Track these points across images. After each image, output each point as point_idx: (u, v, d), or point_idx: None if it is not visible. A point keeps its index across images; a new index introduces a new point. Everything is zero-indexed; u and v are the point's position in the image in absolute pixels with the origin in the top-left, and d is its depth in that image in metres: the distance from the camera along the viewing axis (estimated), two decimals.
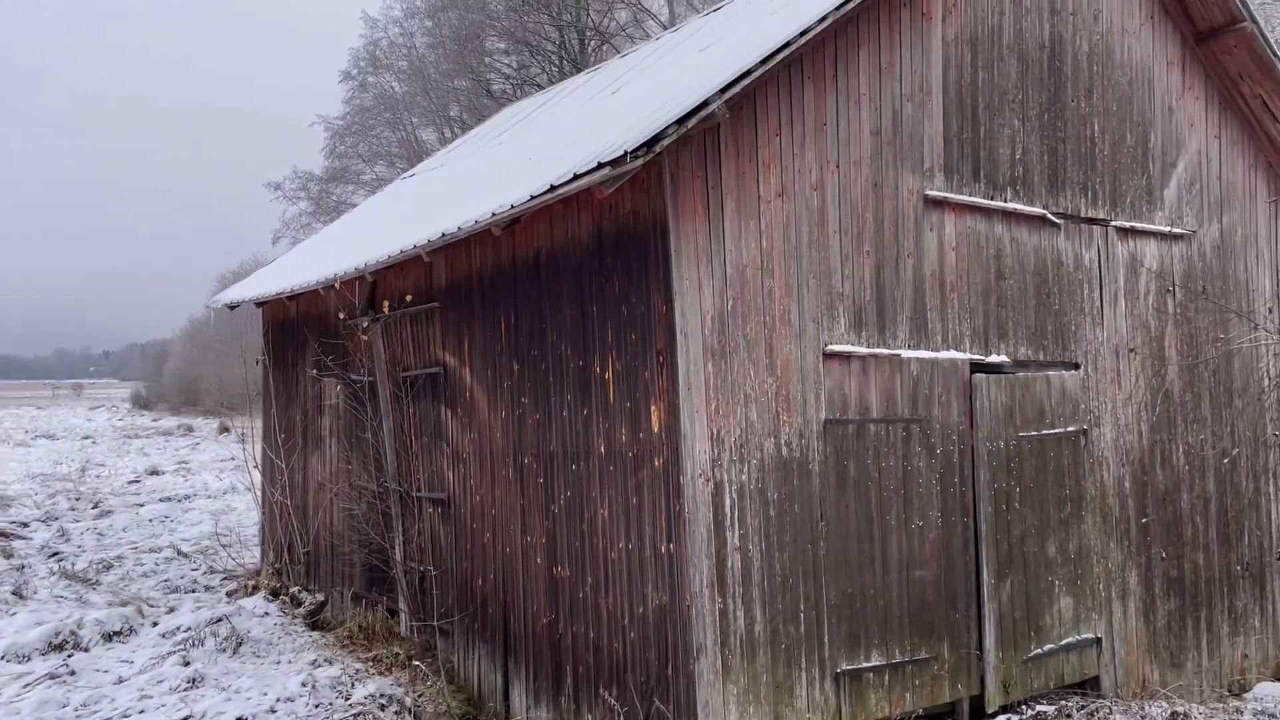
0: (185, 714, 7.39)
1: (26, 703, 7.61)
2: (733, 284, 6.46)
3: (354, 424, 10.96)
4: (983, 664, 7.44)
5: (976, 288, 7.66)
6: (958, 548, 7.38)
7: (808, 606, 6.66)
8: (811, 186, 6.83)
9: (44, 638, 9.24)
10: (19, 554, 14.77)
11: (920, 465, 7.23)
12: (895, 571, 7.07)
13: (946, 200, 7.46)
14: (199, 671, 8.32)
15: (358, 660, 9.10)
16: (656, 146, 5.73)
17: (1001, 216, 7.84)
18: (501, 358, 8.24)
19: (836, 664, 6.77)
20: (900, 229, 7.24)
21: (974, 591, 7.45)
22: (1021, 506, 7.77)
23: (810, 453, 6.73)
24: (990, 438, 7.59)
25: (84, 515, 18.47)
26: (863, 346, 7.00)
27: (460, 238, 7.72)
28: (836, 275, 6.92)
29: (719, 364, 6.38)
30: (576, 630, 7.34)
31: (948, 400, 7.40)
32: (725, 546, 6.35)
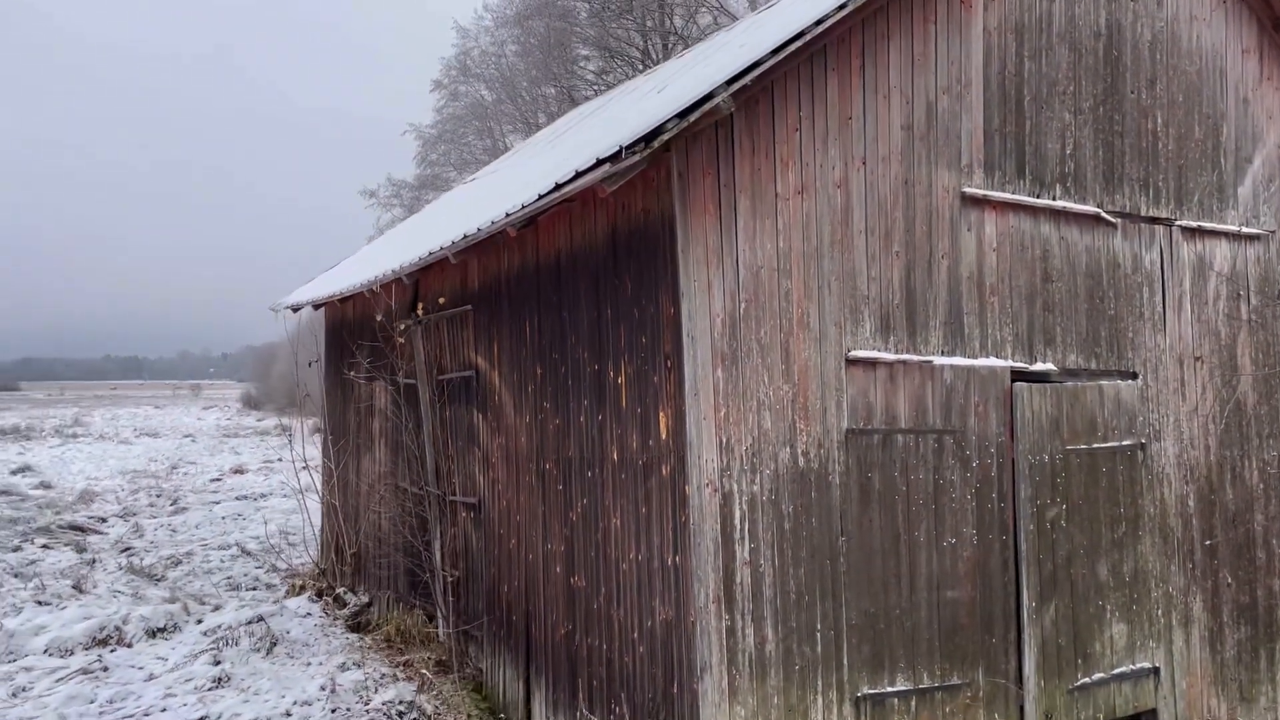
0: (203, 714, 7.42)
1: (55, 697, 7.74)
2: (746, 285, 6.17)
3: (398, 426, 10.97)
4: (1022, 693, 6.97)
5: (1020, 291, 7.20)
6: (995, 567, 6.94)
7: (825, 626, 6.32)
8: (835, 184, 6.49)
9: (88, 632, 9.44)
10: (92, 548, 15.25)
11: (954, 479, 6.82)
12: (924, 591, 6.67)
13: (986, 198, 7.03)
14: (227, 671, 8.37)
15: (389, 664, 9.04)
16: (655, 142, 5.49)
17: (1049, 215, 7.36)
18: (526, 361, 8.09)
19: (857, 688, 6.41)
20: (934, 228, 6.85)
21: (1013, 615, 6.99)
22: (1069, 525, 7.27)
23: (830, 464, 6.39)
24: (1033, 451, 7.12)
25: (160, 512, 19.02)
26: (890, 352, 6.63)
27: (480, 239, 7.61)
28: (862, 277, 6.56)
29: (729, 369, 6.10)
30: (591, 642, 7.13)
31: (985, 410, 6.96)
32: (734, 560, 6.06)
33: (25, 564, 13.46)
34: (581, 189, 6.08)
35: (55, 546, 15.04)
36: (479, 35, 48.89)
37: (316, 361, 13.05)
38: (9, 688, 7.98)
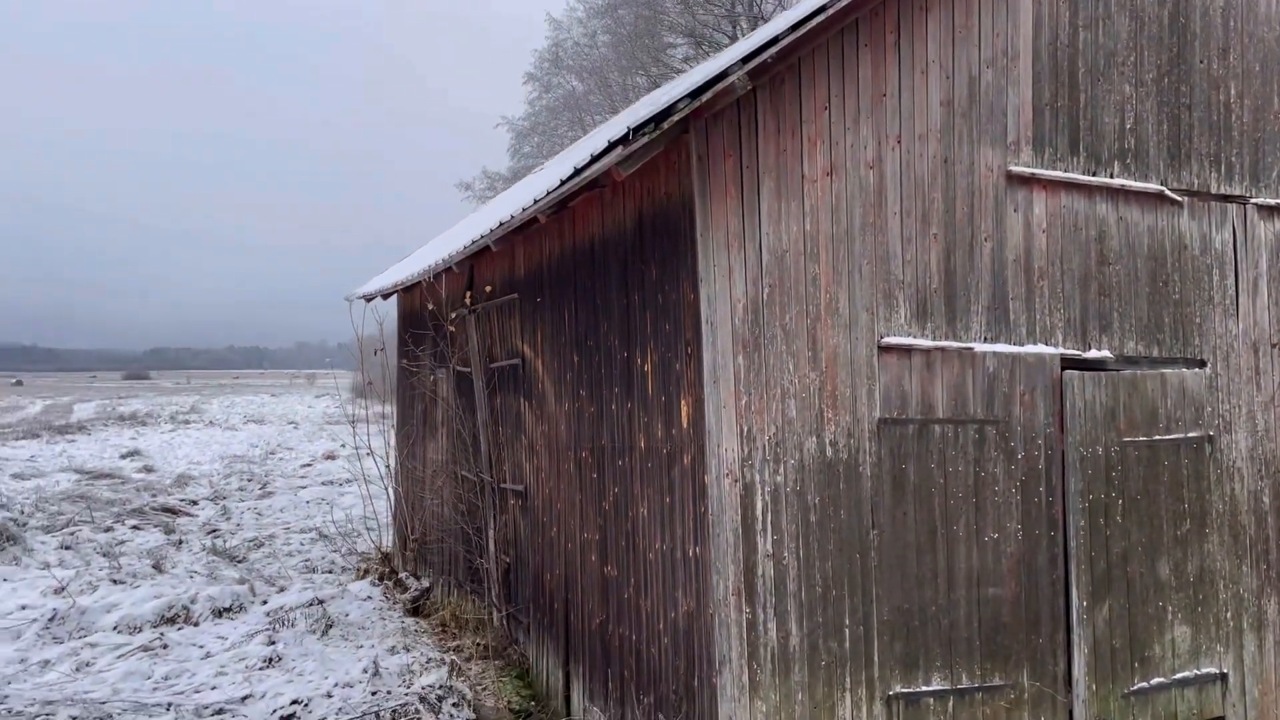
0: (247, 693, 7.61)
1: (114, 672, 8.05)
2: (770, 270, 5.99)
3: (457, 414, 11.07)
4: (1071, 696, 6.64)
5: (1072, 274, 6.83)
6: (1042, 564, 6.61)
7: (854, 621, 6.11)
8: (867, 164, 6.25)
9: (157, 611, 9.79)
10: (180, 530, 15.85)
11: (997, 472, 6.51)
12: (963, 588, 6.40)
13: (1035, 177, 6.69)
14: (279, 652, 8.57)
15: (438, 649, 9.14)
16: (665, 123, 5.35)
17: (1106, 194, 6.96)
18: (565, 349, 8.05)
19: (889, 686, 6.19)
20: (976, 209, 6.54)
21: (1062, 614, 6.66)
22: (1125, 521, 6.88)
23: (861, 454, 6.17)
24: (1085, 443, 6.75)
25: (249, 496, 19.68)
26: (927, 339, 6.36)
27: (515, 225, 7.58)
28: (896, 260, 6.31)
29: (751, 356, 5.93)
30: (622, 632, 7.06)
31: (1032, 400, 6.63)
32: (755, 553, 5.90)
33: (114, 544, 14.09)
34: (598, 173, 5.98)
35: (145, 528, 15.70)
36: (571, 26, 49.18)
37: (381, 350, 13.28)
38: (74, 663, 8.34)
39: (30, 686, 7.62)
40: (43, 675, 7.99)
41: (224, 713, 7.21)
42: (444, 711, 7.57)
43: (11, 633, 9.09)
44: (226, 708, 7.29)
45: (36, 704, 7.03)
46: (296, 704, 7.37)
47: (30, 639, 8.92)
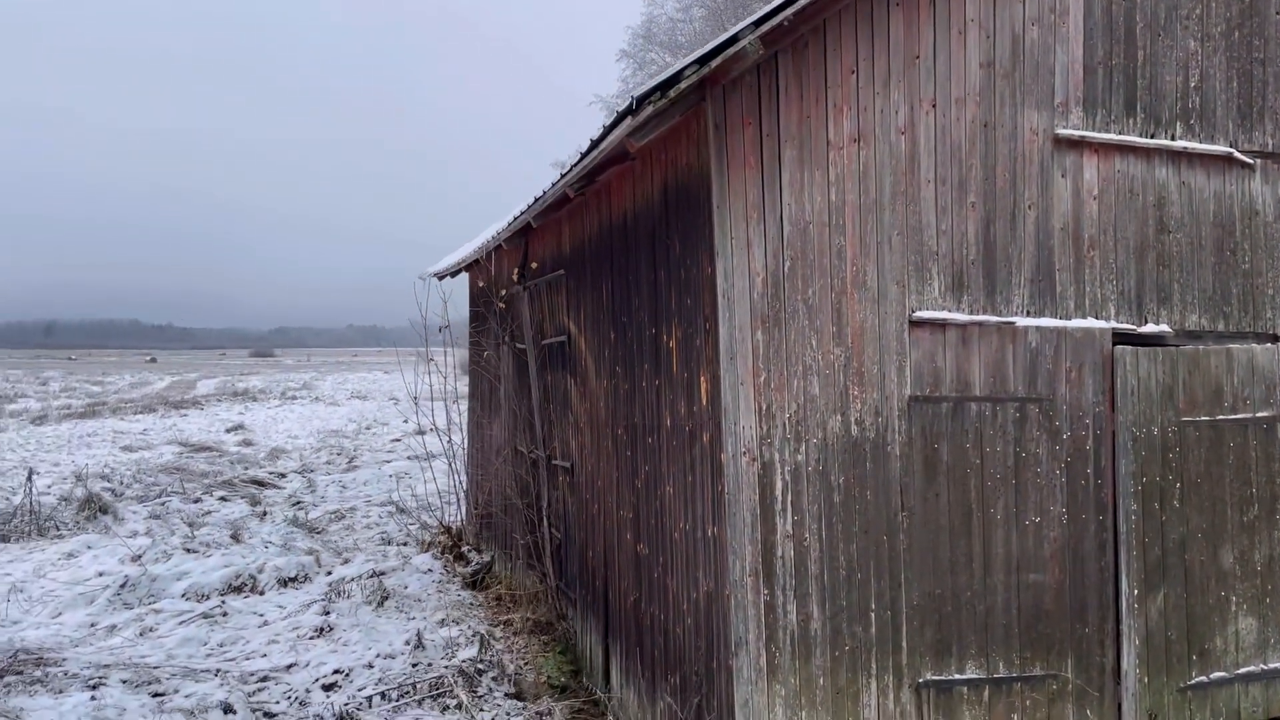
0: (292, 661, 7.80)
1: (172, 639, 8.35)
2: (791, 242, 5.79)
3: (515, 391, 11.13)
4: (1120, 689, 6.30)
5: (1127, 243, 6.43)
6: (1089, 550, 6.27)
7: (880, 606, 5.90)
8: (898, 130, 5.97)
9: (225, 580, 10.13)
10: (265, 501, 16.40)
11: (1039, 452, 6.19)
12: (1000, 574, 6.12)
13: (1085, 140, 6.30)
14: (331, 622, 8.77)
15: (488, 623, 9.23)
16: (671, 91, 5.19)
17: (1167, 157, 6.52)
18: (603, 325, 7.98)
19: (919, 673, 5.96)
20: (1019, 176, 6.20)
21: (1111, 603, 6.31)
22: (1183, 505, 6.47)
23: (889, 433, 5.93)
24: (1138, 422, 6.37)
25: (335, 469, 20.25)
26: (962, 313, 6.07)
27: (549, 201, 7.52)
28: (929, 231, 6.03)
29: (771, 331, 5.75)
30: (653, 612, 6.98)
31: (1080, 377, 6.27)
32: (774, 533, 5.74)
33: (201, 514, 14.66)
34: (613, 146, 5.86)
35: (232, 499, 16.29)
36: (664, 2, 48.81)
37: (446, 328, 13.43)
38: (138, 628, 8.69)
39: (93, 650, 7.97)
40: (107, 640, 8.35)
41: (269, 680, 7.41)
42: (483, 684, 7.63)
43: (86, 598, 9.54)
44: (271, 675, 7.50)
45: (93, 667, 7.35)
46: (338, 673, 7.53)
47: (102, 604, 9.35)
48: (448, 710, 6.91)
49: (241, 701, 6.84)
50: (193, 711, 6.63)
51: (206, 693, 6.95)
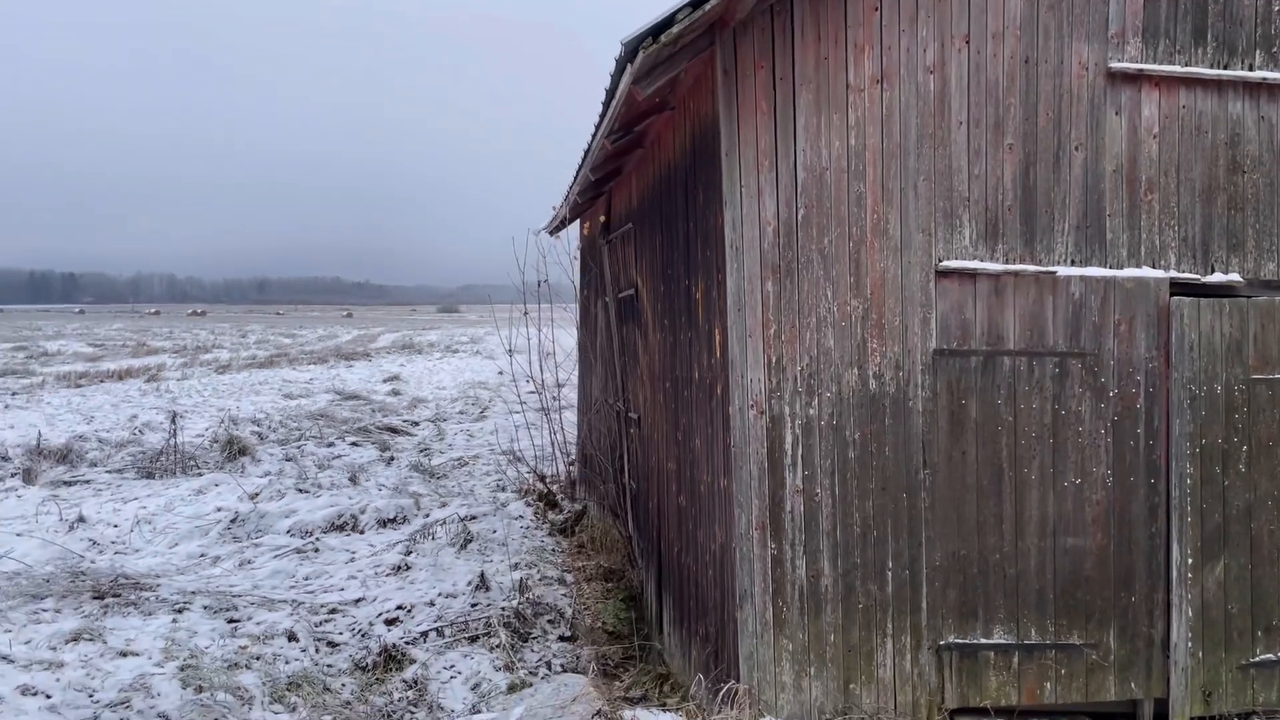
0: (361, 596, 8.26)
1: (263, 570, 8.97)
2: (806, 190, 5.62)
3: (605, 343, 11.28)
4: (1168, 662, 5.91)
5: (1192, 185, 5.91)
6: (1138, 515, 5.89)
7: (899, 565, 5.74)
8: (926, 69, 5.67)
9: (328, 519, 10.78)
10: (395, 448, 17.24)
11: (1081, 410, 5.83)
12: (1034, 536, 5.83)
13: (1144, 73, 5.81)
14: (410, 561, 9.21)
15: (562, 568, 9.48)
16: (662, 36, 5.08)
17: (1243, 90, 5.94)
18: (656, 278, 7.97)
19: (940, 635, 5.78)
20: (1064, 114, 5.78)
21: (1161, 571, 5.92)
22: (1250, 471, 5.97)
23: (911, 388, 5.71)
24: (1198, 380, 5.89)
25: (467, 418, 21.04)
26: (996, 262, 5.75)
27: (596, 155, 7.53)
28: (960, 176, 5.72)
29: (783, 282, 5.61)
30: (689, 562, 7.02)
31: (1130, 330, 5.85)
32: (783, 487, 5.65)
33: (331, 458, 15.57)
34: (625, 96, 5.81)
35: (363, 444, 17.21)
36: None
37: (545, 281, 13.67)
38: (238, 560, 9.39)
39: (191, 578, 8.68)
40: (208, 569, 9.06)
41: (337, 612, 7.88)
42: (538, 626, 7.87)
43: (201, 531, 10.36)
44: (340, 608, 7.97)
45: (183, 594, 8.01)
46: (400, 609, 7.93)
47: (213, 537, 10.13)
48: (494, 649, 7.17)
49: (305, 630, 7.32)
50: (260, 637, 7.16)
51: (276, 621, 7.48)
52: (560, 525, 11.37)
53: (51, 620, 7.33)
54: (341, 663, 6.89)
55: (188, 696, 5.91)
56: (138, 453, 14.91)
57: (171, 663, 6.40)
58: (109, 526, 10.59)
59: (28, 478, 13.23)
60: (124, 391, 27.18)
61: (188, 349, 48.95)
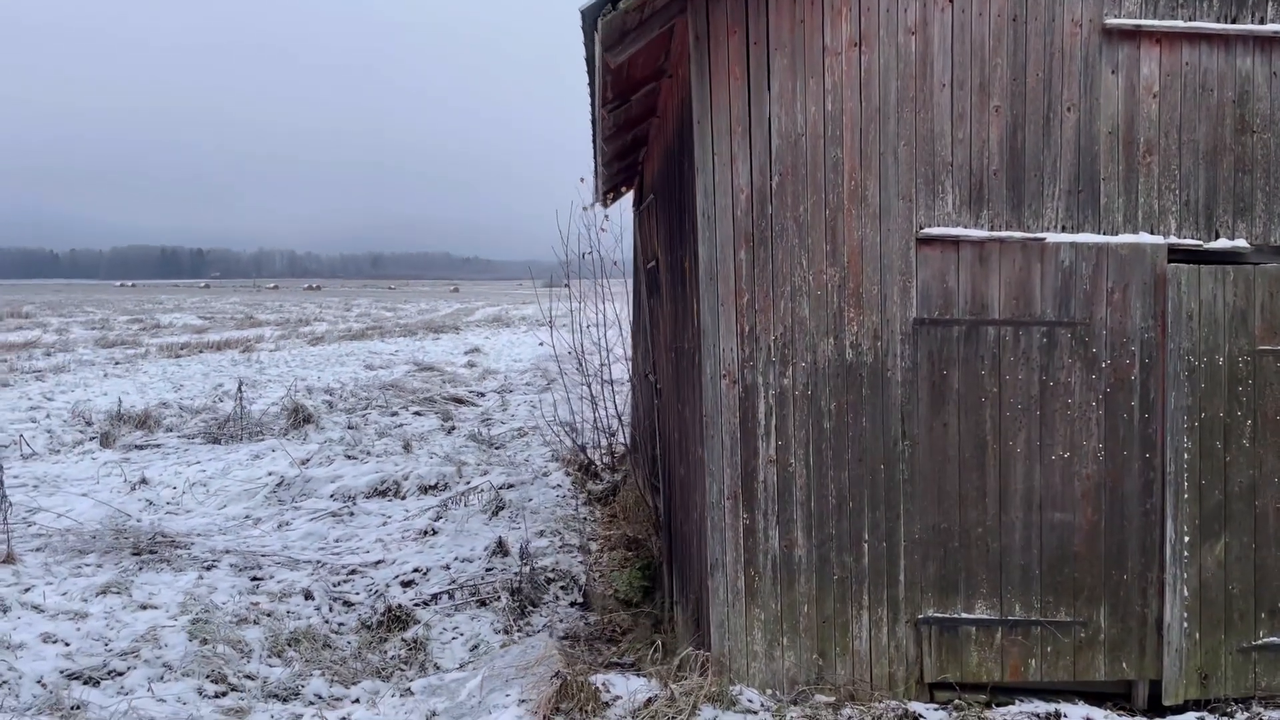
0: (380, 558, 8.52)
1: (296, 532, 9.33)
2: (781, 157, 5.54)
3: (640, 315, 11.33)
4: (1163, 643, 5.71)
5: (1195, 146, 5.64)
6: (1131, 490, 5.69)
7: (875, 537, 5.67)
8: (907, 30, 5.53)
9: (371, 484, 11.12)
10: (457, 418, 17.61)
11: (1071, 382, 5.65)
12: (1019, 510, 5.69)
13: (1142, 30, 5.55)
14: (436, 527, 9.45)
15: (591, 537, 9.60)
16: (620, 3, 5.08)
17: (1254, 45, 5.62)
18: (666, 249, 7.98)
19: (919, 609, 5.70)
20: (1055, 74, 5.57)
21: (1156, 549, 5.71)
22: (1255, 446, 5.70)
23: (890, 358, 5.62)
24: (1196, 351, 5.64)
25: (533, 390, 21.31)
26: (980, 229, 5.60)
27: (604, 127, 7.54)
28: (943, 140, 5.57)
29: (756, 251, 5.57)
30: (687, 531, 7.04)
31: (1124, 299, 5.63)
32: (756, 458, 5.63)
33: (394, 427, 16.00)
34: (603, 65, 5.81)
35: (426, 414, 17.62)
36: None
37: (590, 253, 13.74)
38: (277, 522, 9.77)
39: (228, 538, 9.08)
40: (248, 530, 9.47)
41: (356, 573, 8.16)
42: (550, 592, 8.02)
43: (249, 493, 10.81)
44: (360, 569, 8.25)
45: (214, 552, 8.40)
46: (417, 571, 8.16)
47: (259, 500, 10.56)
48: (500, 613, 7.33)
49: (322, 590, 7.61)
50: (278, 595, 7.47)
51: (295, 580, 7.79)
52: (599, 495, 11.50)
53: (91, 574, 7.78)
54: (351, 621, 7.15)
55: (192, 648, 6.22)
56: (210, 420, 15.59)
57: (185, 616, 6.74)
58: (168, 488, 11.14)
59: (105, 441, 13.99)
60: (218, 362, 28.36)
61: (290, 322, 50.73)
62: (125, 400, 17.91)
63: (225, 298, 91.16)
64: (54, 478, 11.73)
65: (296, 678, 5.92)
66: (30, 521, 9.64)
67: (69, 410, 16.72)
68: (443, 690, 5.36)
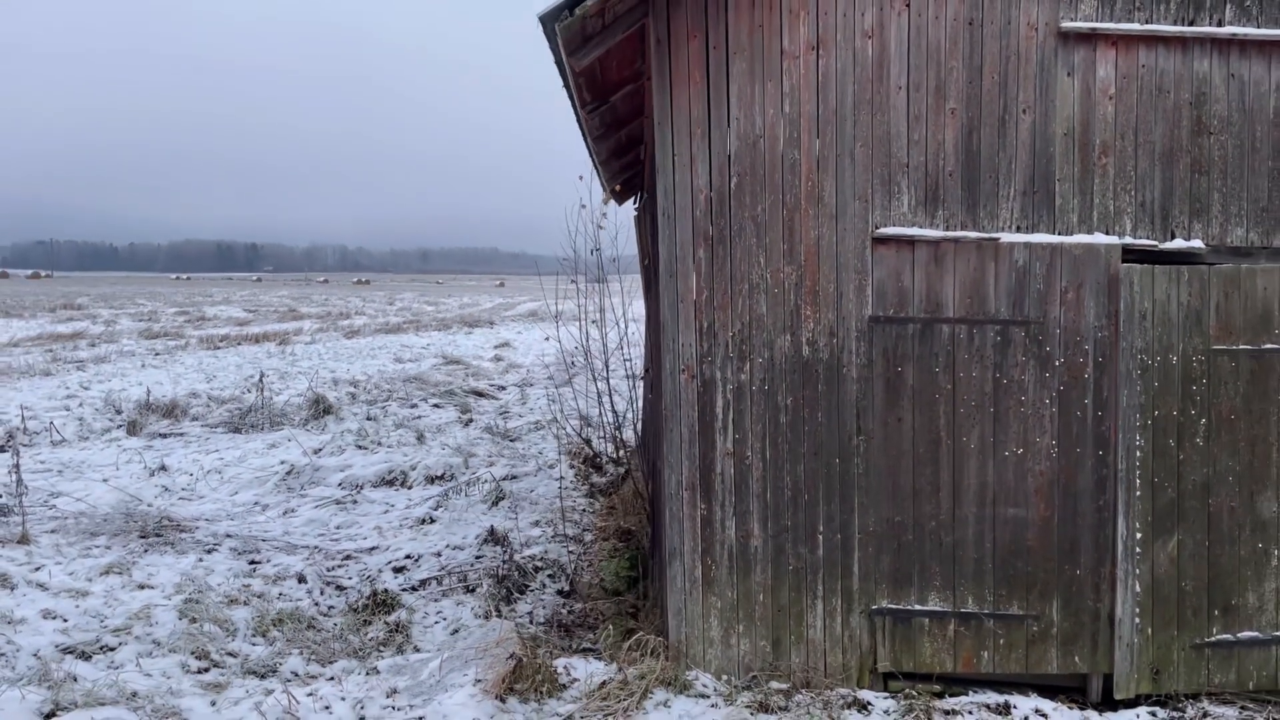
0: (374, 545, 8.79)
1: (299, 519, 9.64)
2: (739, 158, 5.70)
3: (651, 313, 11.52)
4: (1115, 638, 5.80)
5: (1151, 148, 5.70)
6: (1084, 487, 5.77)
7: (830, 529, 5.81)
8: (864, 34, 5.65)
9: (379, 474, 11.41)
10: (476, 410, 17.91)
11: (1025, 379, 5.75)
12: (973, 505, 5.80)
13: (1098, 33, 5.62)
14: (434, 516, 9.72)
15: (586, 528, 9.81)
16: (577, 10, 5.26)
17: (1211, 47, 5.68)
18: (650, 246, 8.13)
19: (873, 600, 5.84)
20: (1011, 77, 5.67)
21: (1109, 545, 5.79)
22: (1210, 445, 5.76)
23: (846, 355, 5.75)
24: (1150, 350, 5.71)
25: (553, 384, 21.58)
26: (936, 229, 5.71)
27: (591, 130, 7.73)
28: (899, 142, 5.69)
29: (715, 249, 5.73)
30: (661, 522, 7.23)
31: (1077, 298, 5.71)
32: (714, 450, 5.80)
33: (410, 419, 16.33)
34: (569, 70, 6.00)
35: (445, 406, 17.94)
36: None
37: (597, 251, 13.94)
38: (283, 509, 10.09)
39: (235, 523, 9.41)
40: (254, 517, 9.80)
41: (350, 558, 8.44)
42: (538, 580, 8.23)
43: (260, 481, 11.15)
44: (355, 555, 8.52)
45: (217, 536, 8.73)
46: (409, 558, 8.43)
47: (269, 488, 10.90)
48: (484, 598, 7.56)
49: (315, 574, 7.89)
50: (273, 578, 7.77)
51: (291, 564, 8.08)
52: (602, 487, 11.69)
53: (99, 555, 8.13)
54: (340, 604, 7.42)
55: (181, 626, 6.52)
56: (234, 410, 16.02)
57: (179, 596, 7.06)
58: (185, 475, 11.52)
59: (132, 429, 14.45)
60: (253, 354, 28.99)
61: (330, 315, 51.55)
62: (158, 390, 18.45)
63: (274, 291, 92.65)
64: (79, 463, 12.18)
65: (276, 656, 6.19)
66: (51, 505, 10.06)
67: (102, 399, 17.26)
68: (407, 669, 5.59)
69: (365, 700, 5.23)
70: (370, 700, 5.23)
